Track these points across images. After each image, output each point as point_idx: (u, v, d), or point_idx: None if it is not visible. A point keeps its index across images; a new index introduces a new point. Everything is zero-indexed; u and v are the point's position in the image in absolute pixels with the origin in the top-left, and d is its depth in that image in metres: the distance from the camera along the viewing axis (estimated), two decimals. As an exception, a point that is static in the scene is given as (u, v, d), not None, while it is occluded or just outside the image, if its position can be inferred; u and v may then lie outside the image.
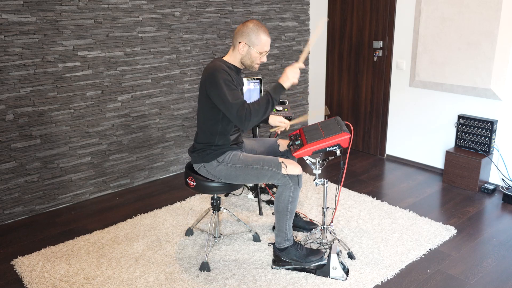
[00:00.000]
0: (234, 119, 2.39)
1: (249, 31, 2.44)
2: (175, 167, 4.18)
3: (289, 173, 2.46)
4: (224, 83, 2.38)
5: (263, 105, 2.40)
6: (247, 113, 2.35)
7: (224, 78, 2.38)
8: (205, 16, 4.03)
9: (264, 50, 2.49)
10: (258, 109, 2.38)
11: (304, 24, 4.84)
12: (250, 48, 2.46)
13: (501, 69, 3.46)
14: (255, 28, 2.45)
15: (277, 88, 2.44)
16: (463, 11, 3.57)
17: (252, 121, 2.37)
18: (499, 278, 2.55)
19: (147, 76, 3.80)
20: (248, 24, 2.46)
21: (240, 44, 2.46)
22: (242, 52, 2.48)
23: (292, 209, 2.53)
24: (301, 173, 2.51)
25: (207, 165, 2.59)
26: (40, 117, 3.32)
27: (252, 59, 2.50)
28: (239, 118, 2.36)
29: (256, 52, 2.47)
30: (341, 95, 4.77)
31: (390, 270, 2.62)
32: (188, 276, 2.59)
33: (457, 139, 3.81)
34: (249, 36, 2.44)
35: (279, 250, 2.61)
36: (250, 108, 2.37)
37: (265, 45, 2.47)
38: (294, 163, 2.50)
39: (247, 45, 2.46)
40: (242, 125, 2.40)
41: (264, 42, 2.46)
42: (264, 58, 2.52)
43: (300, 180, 2.50)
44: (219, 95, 2.38)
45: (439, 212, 3.34)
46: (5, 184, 3.27)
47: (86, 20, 3.38)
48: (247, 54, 2.48)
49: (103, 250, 2.88)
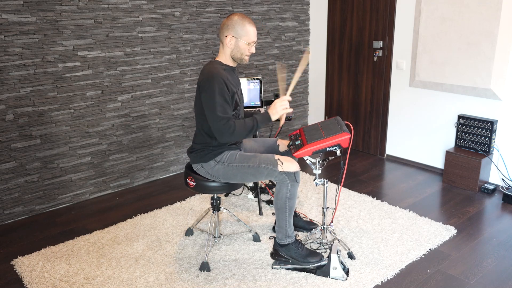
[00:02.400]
0: (215, 131, 2.45)
1: (234, 23, 2.47)
2: (175, 167, 4.18)
3: (286, 170, 2.47)
4: (219, 93, 2.41)
5: (248, 129, 2.47)
6: (231, 130, 2.42)
7: (220, 88, 2.42)
8: (205, 16, 4.03)
9: (251, 41, 2.51)
10: (241, 131, 2.45)
11: (304, 24, 4.84)
12: (238, 40, 2.48)
13: (501, 69, 3.46)
14: (240, 20, 2.47)
15: (264, 117, 2.52)
16: (463, 11, 3.57)
17: (232, 137, 2.45)
18: (499, 278, 2.55)
19: (147, 76, 3.80)
20: (233, 17, 2.49)
21: (227, 38, 2.48)
22: (230, 45, 2.50)
23: (290, 206, 2.54)
24: (298, 170, 2.51)
25: (205, 165, 2.59)
26: (40, 117, 3.32)
27: (241, 51, 2.52)
28: (219, 132, 2.43)
29: (244, 43, 2.49)
30: (341, 95, 4.77)
31: (390, 270, 2.62)
32: (188, 276, 2.59)
33: (457, 139, 3.81)
34: (235, 28, 2.47)
35: (280, 245, 2.62)
36: (234, 126, 2.42)
37: (251, 35, 2.50)
38: (291, 160, 2.51)
39: (234, 38, 2.48)
40: (220, 139, 2.47)
41: (250, 32, 2.49)
42: (252, 49, 2.54)
43: (297, 177, 2.51)
44: (209, 102, 2.42)
45: (439, 212, 3.34)
46: (5, 184, 3.27)
47: (86, 20, 3.38)
48: (236, 46, 2.50)
49: (103, 250, 2.88)
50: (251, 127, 2.48)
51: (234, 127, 2.42)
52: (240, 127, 2.45)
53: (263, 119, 2.52)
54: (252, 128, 2.48)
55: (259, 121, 2.50)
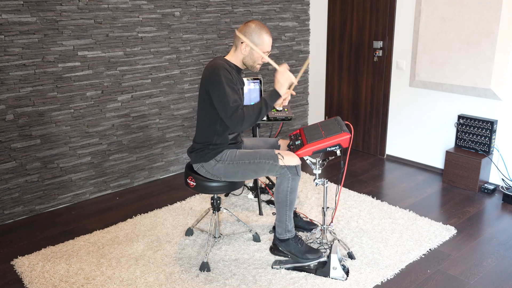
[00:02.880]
0: (227, 121, 2.43)
1: (252, 31, 2.46)
2: (175, 167, 4.18)
3: (287, 164, 2.47)
4: (226, 82, 2.39)
5: (257, 111, 2.43)
6: (240, 118, 2.39)
7: (226, 77, 2.40)
8: (205, 16, 4.03)
9: (266, 50, 2.51)
10: (251, 115, 2.41)
11: (304, 24, 4.84)
12: (253, 48, 2.47)
13: (501, 69, 3.46)
14: (258, 29, 2.47)
15: (272, 94, 2.47)
16: (463, 11, 3.57)
17: (244, 125, 2.41)
18: (499, 278, 2.55)
19: (147, 76, 3.80)
20: (250, 25, 2.47)
21: (243, 44, 2.48)
22: (245, 52, 2.50)
23: (291, 199, 2.54)
24: (299, 163, 2.51)
25: (206, 164, 2.59)
26: (40, 117, 3.32)
27: (254, 59, 2.52)
28: (231, 121, 2.40)
29: (259, 53, 2.48)
30: (341, 95, 4.77)
31: (390, 270, 2.62)
32: (188, 276, 2.59)
33: (457, 139, 3.81)
34: (252, 37, 2.46)
35: (279, 240, 2.62)
36: (243, 113, 2.40)
37: (267, 44, 2.50)
38: (291, 154, 2.51)
39: (249, 46, 2.47)
40: (234, 128, 2.44)
41: (266, 41, 2.49)
42: (266, 59, 2.53)
43: (298, 170, 2.50)
44: (219, 93, 2.39)
45: (439, 212, 3.34)
46: (5, 184, 3.27)
47: (86, 20, 3.38)
48: (250, 54, 2.50)
49: (103, 250, 2.88)
50: (260, 108, 2.43)
51: (243, 114, 2.39)
52: (251, 112, 2.41)
53: (272, 97, 2.46)
54: (261, 109, 2.43)
55: (267, 100, 2.45)
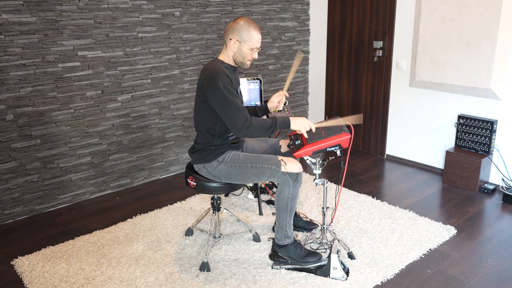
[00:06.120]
0: (235, 131, 2.42)
1: (240, 27, 2.46)
2: (175, 167, 4.18)
3: (289, 171, 2.46)
4: (225, 88, 2.39)
5: (265, 126, 2.43)
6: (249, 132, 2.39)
7: (226, 83, 2.40)
8: (205, 16, 4.03)
9: (255, 47, 2.50)
10: (258, 126, 2.41)
11: (304, 24, 4.84)
12: (241, 45, 2.47)
13: (501, 69, 3.46)
14: (246, 25, 2.46)
15: (285, 122, 2.47)
16: (463, 11, 3.57)
17: (248, 131, 2.41)
18: (499, 278, 2.55)
19: (147, 76, 3.80)
20: (239, 21, 2.48)
21: (231, 41, 2.48)
22: (234, 48, 2.50)
23: (292, 206, 2.53)
24: (301, 171, 2.51)
25: (208, 165, 2.59)
26: (40, 117, 3.32)
27: (243, 55, 2.51)
28: (239, 132, 2.40)
29: (247, 49, 2.49)
30: (341, 95, 4.77)
31: (390, 270, 2.62)
32: (188, 276, 2.59)
33: (457, 139, 3.81)
34: (240, 33, 2.46)
35: (278, 246, 2.62)
36: (251, 120, 2.40)
37: (256, 41, 2.49)
38: (294, 161, 2.51)
39: (238, 42, 2.47)
40: (237, 133, 2.43)
41: (255, 38, 2.48)
42: (255, 55, 2.54)
43: (299, 178, 2.50)
44: (219, 99, 2.39)
45: (439, 212, 3.34)
46: (5, 184, 3.27)
47: (86, 20, 3.38)
48: (238, 50, 2.50)
49: (103, 250, 2.88)
50: (270, 125, 2.43)
51: (250, 120, 2.39)
52: (259, 126, 2.41)
53: (283, 122, 2.46)
54: (270, 126, 2.43)
55: (278, 122, 2.45)
